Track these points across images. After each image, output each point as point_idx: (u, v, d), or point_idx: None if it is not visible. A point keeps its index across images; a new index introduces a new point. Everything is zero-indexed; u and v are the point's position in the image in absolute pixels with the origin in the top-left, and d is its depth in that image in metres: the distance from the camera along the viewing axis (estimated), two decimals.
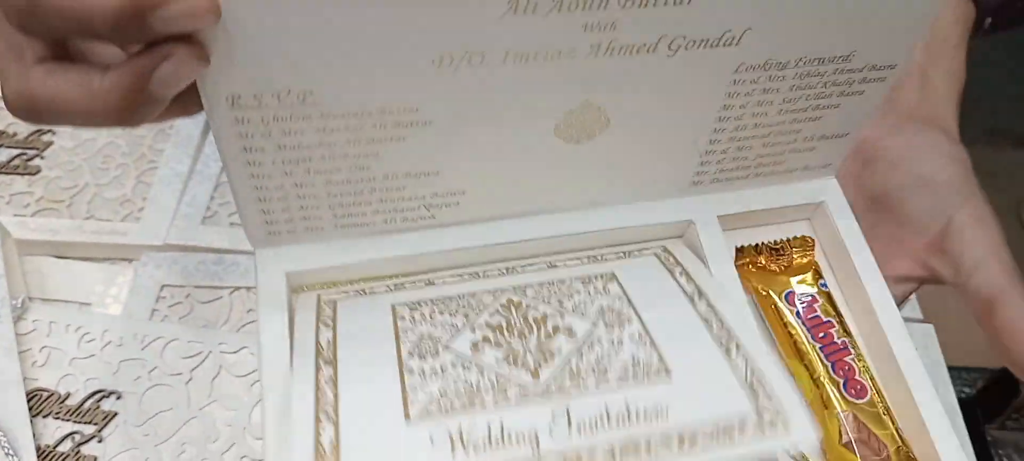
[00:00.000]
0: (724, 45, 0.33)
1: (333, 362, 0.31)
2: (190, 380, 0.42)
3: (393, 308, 0.34)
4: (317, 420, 0.29)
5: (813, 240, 0.41)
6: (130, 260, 0.49)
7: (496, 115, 0.33)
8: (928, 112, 0.43)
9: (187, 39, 0.26)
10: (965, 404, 0.47)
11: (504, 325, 0.33)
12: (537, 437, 0.28)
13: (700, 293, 0.35)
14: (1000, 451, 0.60)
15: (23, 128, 0.54)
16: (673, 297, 0.35)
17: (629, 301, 0.34)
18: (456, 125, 0.33)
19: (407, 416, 0.29)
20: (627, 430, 0.28)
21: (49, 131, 0.54)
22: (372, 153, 0.33)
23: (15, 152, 0.53)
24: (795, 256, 0.40)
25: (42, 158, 0.53)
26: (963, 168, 0.40)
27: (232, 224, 0.50)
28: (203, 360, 0.43)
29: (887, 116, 0.43)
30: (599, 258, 0.38)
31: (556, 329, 0.33)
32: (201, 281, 0.47)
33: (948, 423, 0.34)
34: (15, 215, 0.50)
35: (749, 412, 0.29)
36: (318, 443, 0.28)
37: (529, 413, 0.29)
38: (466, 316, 0.34)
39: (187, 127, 0.54)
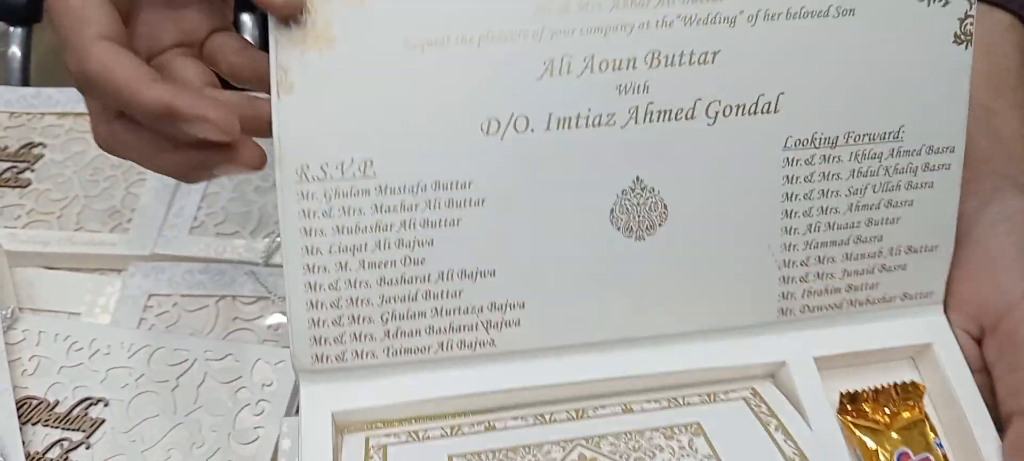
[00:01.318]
0: (763, 112, 0.34)
1: None
2: (176, 387, 0.44)
3: (450, 459, 0.32)
4: None
5: (923, 388, 0.37)
6: (118, 270, 0.51)
7: (547, 192, 0.34)
8: (1001, 161, 0.40)
9: (228, 146, 0.31)
10: None
11: None
12: None
13: (802, 457, 0.32)
14: None
15: (14, 142, 0.56)
16: (767, 453, 0.32)
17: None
18: (509, 204, 0.34)
19: None
20: None
21: (40, 144, 0.56)
22: (427, 240, 0.34)
23: (6, 165, 0.55)
24: (903, 407, 0.36)
25: (33, 171, 0.55)
26: None
27: (219, 234, 0.52)
28: (189, 367, 0.44)
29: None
30: (681, 402, 0.36)
31: None
32: (187, 290, 0.48)
33: None
34: (6, 227, 0.51)
35: None
36: None
37: None
38: None
39: None
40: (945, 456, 0.35)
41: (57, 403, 0.44)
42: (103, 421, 0.43)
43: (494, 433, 0.34)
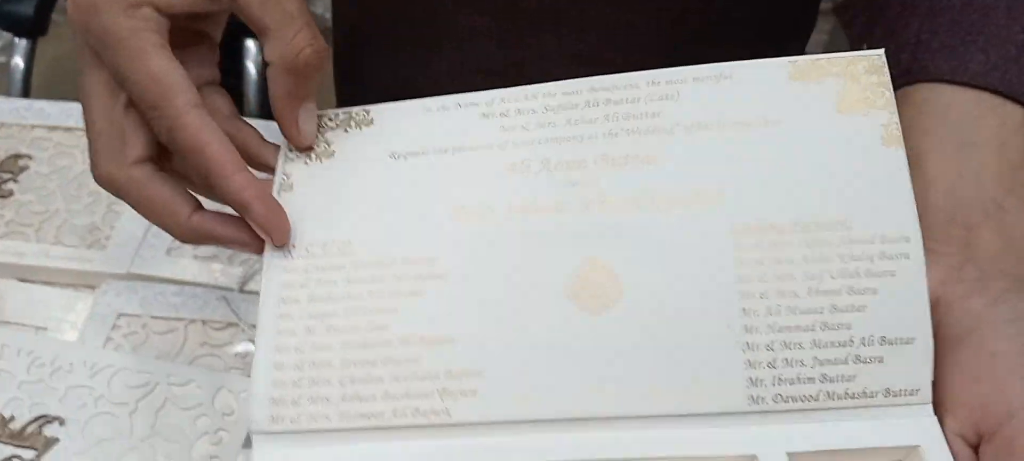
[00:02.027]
0: (707, 202, 0.36)
1: None
2: (135, 410, 0.43)
3: None
4: None
5: None
6: (92, 287, 0.50)
7: (504, 270, 0.37)
8: (1012, 261, 0.38)
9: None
10: None
11: None
12: None
13: None
14: None
15: (0, 152, 0.55)
16: None
17: None
18: (468, 279, 0.37)
19: None
20: None
21: (26, 155, 0.56)
22: (391, 308, 0.36)
23: None
24: None
25: (16, 182, 0.55)
26: None
27: (196, 257, 0.52)
28: (150, 391, 0.44)
29: (967, 265, 0.38)
30: None
31: None
32: (158, 312, 0.48)
33: None
34: None
35: None
36: None
37: None
38: None
39: None
40: None
41: (12, 418, 0.43)
42: (57, 440, 0.42)
43: None
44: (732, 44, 0.48)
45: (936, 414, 0.36)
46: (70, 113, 0.60)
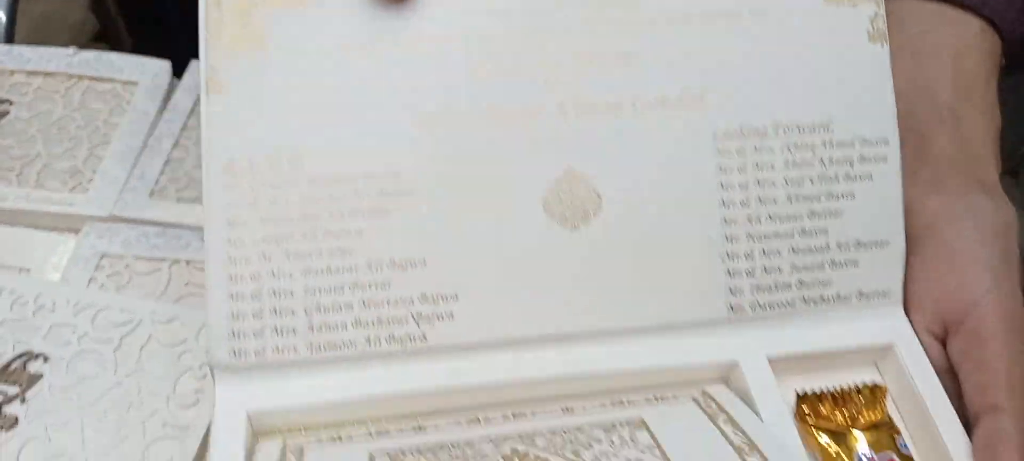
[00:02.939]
0: (687, 104, 0.34)
1: None
2: (119, 347, 0.43)
3: (371, 457, 0.30)
4: None
5: (885, 389, 0.35)
6: (75, 231, 0.50)
7: (478, 182, 0.33)
8: (967, 162, 0.40)
9: None
10: None
11: None
12: None
13: (751, 445, 0.30)
14: None
15: None
16: (717, 450, 0.30)
17: (662, 453, 0.30)
18: (438, 194, 0.33)
19: None
20: None
21: (6, 101, 0.55)
22: (355, 230, 0.33)
23: None
24: (864, 409, 0.35)
25: None
26: (1003, 239, 0.37)
27: (179, 199, 0.51)
28: (134, 328, 0.44)
29: (923, 169, 0.39)
30: (625, 403, 0.34)
31: None
32: (141, 252, 0.48)
33: None
34: None
35: None
36: None
37: None
38: None
39: (144, 103, 0.55)
40: (911, 458, 0.34)
41: None
42: (41, 377, 0.42)
43: (422, 434, 0.32)
44: None
45: (922, 291, 0.36)
46: (50, 58, 0.59)
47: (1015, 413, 0.32)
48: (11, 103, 0.55)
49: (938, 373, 0.36)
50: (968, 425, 0.34)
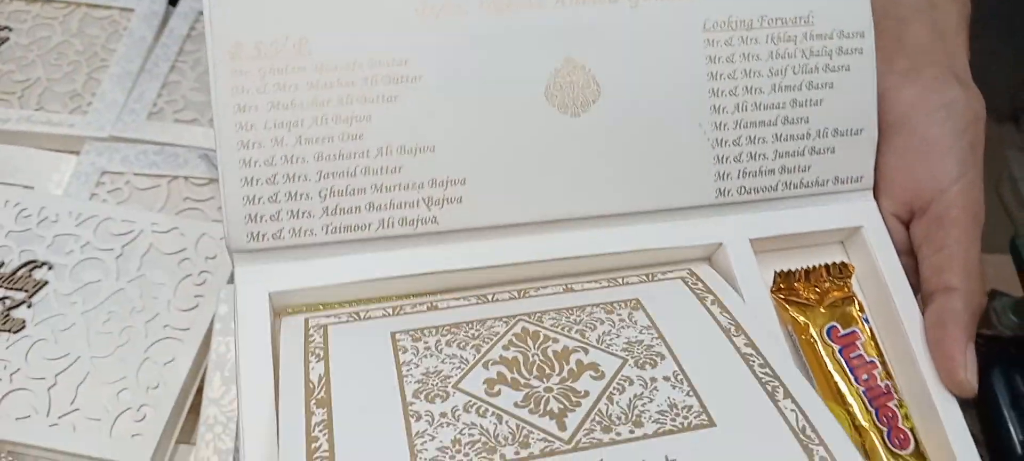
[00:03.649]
0: None
1: (327, 403, 0.28)
2: (120, 255, 0.44)
3: (393, 337, 0.31)
4: None
5: (852, 268, 0.37)
6: (75, 151, 0.51)
7: (483, 71, 0.34)
8: (942, 51, 0.40)
9: None
10: None
11: (521, 360, 0.30)
12: None
13: (738, 327, 0.32)
14: None
15: None
16: (708, 330, 0.32)
17: (659, 334, 0.31)
18: (445, 82, 0.33)
19: None
20: None
21: (5, 27, 0.56)
22: (365, 115, 0.33)
23: None
24: (832, 286, 0.37)
25: None
26: (971, 131, 0.38)
27: (177, 120, 0.52)
28: (135, 238, 0.45)
29: (899, 57, 0.40)
30: (621, 281, 0.35)
31: (580, 366, 0.29)
32: (141, 169, 0.49)
33: None
34: None
35: None
36: None
37: None
38: (477, 349, 0.30)
39: (140, 29, 0.56)
40: (871, 331, 0.36)
41: (2, 264, 0.44)
42: (46, 283, 0.44)
43: (437, 312, 0.32)
44: None
45: (874, 197, 0.38)
46: None
47: (966, 294, 0.34)
48: (10, 30, 0.56)
49: (900, 254, 0.37)
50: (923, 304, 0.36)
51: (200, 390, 0.41)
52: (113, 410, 0.39)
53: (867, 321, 0.36)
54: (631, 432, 0.26)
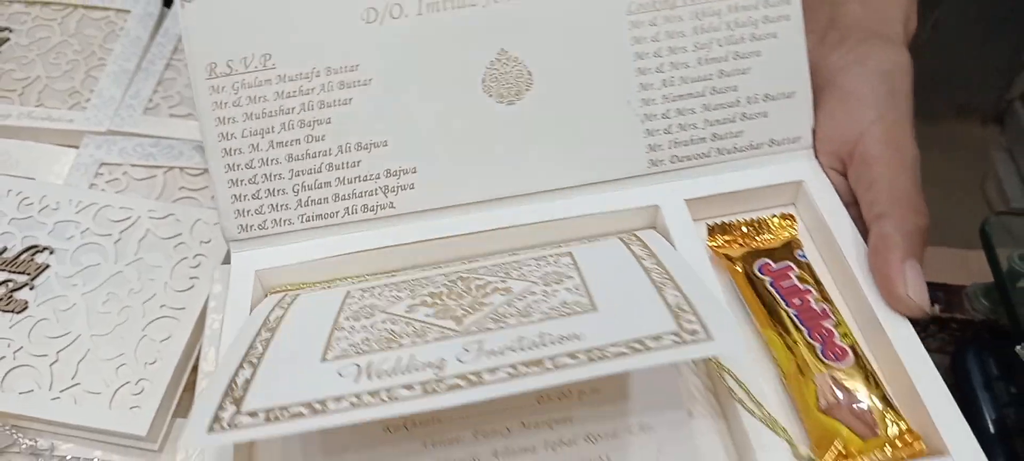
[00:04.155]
0: None
1: (274, 328, 0.33)
2: (119, 240, 0.46)
3: (347, 291, 0.35)
4: (240, 365, 0.30)
5: (793, 217, 0.39)
6: (75, 146, 0.53)
7: (425, 69, 0.38)
8: (872, 22, 0.42)
9: None
10: None
11: (445, 292, 0.33)
12: (444, 362, 0.27)
13: (650, 253, 0.34)
14: None
15: None
16: (622, 258, 0.34)
17: (576, 266, 0.34)
18: (392, 83, 0.38)
19: (323, 358, 0.29)
20: (534, 353, 0.26)
21: (6, 29, 0.59)
22: (324, 119, 0.38)
23: None
24: (774, 233, 0.39)
25: None
26: (890, 80, 0.39)
27: (172, 115, 0.54)
28: (132, 224, 0.47)
29: (831, 32, 0.42)
30: (560, 245, 0.38)
31: (494, 290, 0.32)
32: (137, 160, 0.51)
33: (946, 392, 0.32)
34: None
35: (668, 328, 0.27)
36: (232, 382, 0.28)
37: (441, 347, 0.28)
38: (412, 291, 0.34)
39: (136, 29, 0.58)
40: (809, 266, 0.37)
41: (5, 249, 0.46)
42: (47, 266, 0.46)
43: (392, 278, 0.37)
44: None
45: (827, 132, 0.40)
46: None
47: (897, 218, 0.35)
48: (11, 31, 0.58)
49: (847, 207, 0.39)
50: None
51: (196, 367, 0.42)
52: (112, 384, 0.41)
53: (803, 256, 0.37)
54: (518, 322, 0.29)
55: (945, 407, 0.31)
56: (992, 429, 0.66)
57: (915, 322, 0.34)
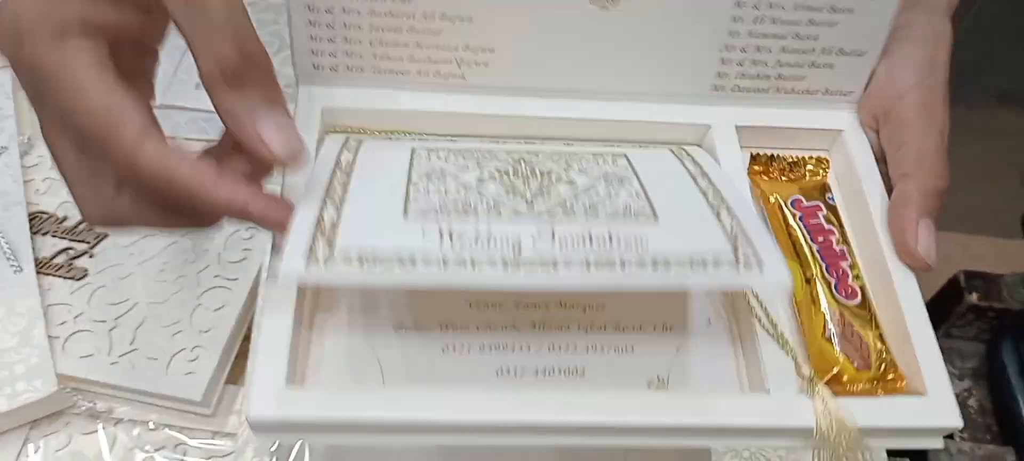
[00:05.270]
0: None
1: (348, 172, 0.34)
2: None
3: (413, 149, 0.37)
4: (323, 203, 0.31)
5: (828, 162, 0.42)
6: None
7: None
8: None
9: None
10: None
11: (511, 171, 0.35)
12: (520, 243, 0.29)
13: (703, 173, 0.36)
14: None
15: None
16: (677, 172, 0.36)
17: (634, 171, 0.36)
18: None
19: (405, 213, 0.30)
20: (605, 250, 0.29)
21: None
22: None
23: None
24: (809, 173, 0.41)
25: None
26: (931, 47, 0.41)
27: None
28: None
29: None
30: (614, 144, 0.40)
31: (559, 179, 0.34)
32: (189, 134, 0.53)
33: (934, 343, 0.35)
34: None
35: (726, 252, 0.29)
36: (320, 218, 0.29)
37: (517, 227, 0.30)
38: (478, 162, 0.35)
39: None
40: (836, 209, 0.40)
41: (65, 218, 0.48)
42: (106, 236, 0.48)
43: (454, 142, 0.39)
44: None
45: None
46: None
47: (919, 179, 0.37)
48: None
49: (877, 162, 0.41)
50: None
51: (247, 338, 0.44)
52: (169, 350, 0.43)
53: (832, 199, 0.40)
54: (586, 216, 0.31)
55: (931, 356, 0.34)
56: None
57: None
